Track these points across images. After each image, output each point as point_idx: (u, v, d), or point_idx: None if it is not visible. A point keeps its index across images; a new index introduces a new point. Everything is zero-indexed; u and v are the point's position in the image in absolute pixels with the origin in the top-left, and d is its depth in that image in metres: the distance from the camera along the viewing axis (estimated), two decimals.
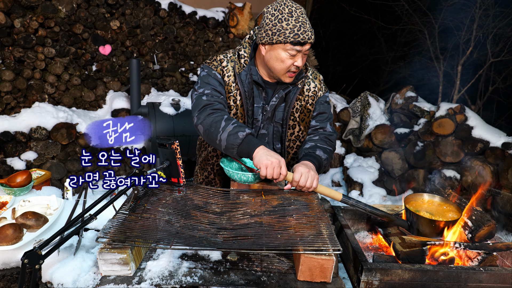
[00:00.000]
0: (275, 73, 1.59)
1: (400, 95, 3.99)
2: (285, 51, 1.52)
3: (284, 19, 1.49)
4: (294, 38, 1.48)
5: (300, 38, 1.48)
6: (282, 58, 1.53)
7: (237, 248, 0.98)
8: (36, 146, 3.23)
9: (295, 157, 1.67)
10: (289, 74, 1.58)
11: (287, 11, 1.51)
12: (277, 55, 1.54)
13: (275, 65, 1.56)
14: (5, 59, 3.18)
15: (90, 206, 1.11)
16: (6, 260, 1.15)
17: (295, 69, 1.57)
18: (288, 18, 1.49)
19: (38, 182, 1.70)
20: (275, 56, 1.55)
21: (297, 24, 1.48)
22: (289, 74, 1.58)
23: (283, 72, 1.57)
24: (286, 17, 1.50)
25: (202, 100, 1.49)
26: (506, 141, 3.18)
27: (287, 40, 1.49)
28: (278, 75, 1.59)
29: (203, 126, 1.43)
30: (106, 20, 3.67)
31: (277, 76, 1.60)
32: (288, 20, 1.49)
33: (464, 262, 1.34)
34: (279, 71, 1.57)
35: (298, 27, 1.48)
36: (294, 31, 1.48)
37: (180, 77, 4.28)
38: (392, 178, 3.97)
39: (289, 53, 1.51)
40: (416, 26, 4.60)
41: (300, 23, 1.49)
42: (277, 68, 1.56)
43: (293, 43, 1.49)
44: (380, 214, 1.39)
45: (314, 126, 1.64)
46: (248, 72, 1.65)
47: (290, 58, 1.53)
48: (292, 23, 1.48)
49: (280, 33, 1.49)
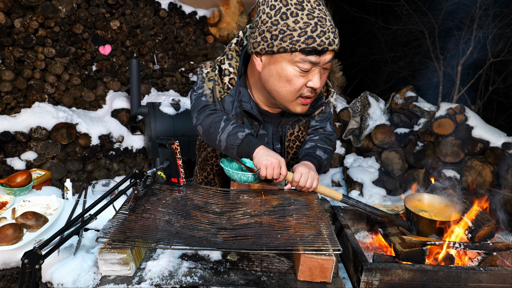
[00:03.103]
0: (278, 99, 1.12)
1: (400, 95, 3.99)
2: (294, 65, 1.04)
3: (291, 13, 0.99)
4: (307, 44, 0.99)
5: (317, 44, 0.98)
6: (288, 75, 1.05)
7: (237, 248, 0.98)
8: (36, 146, 3.23)
9: (295, 157, 1.65)
10: (302, 100, 1.11)
11: (295, 0, 1.00)
12: (281, 71, 1.06)
13: (278, 87, 1.09)
14: (5, 59, 3.18)
15: (90, 206, 1.11)
16: (6, 260, 1.15)
17: (309, 93, 1.09)
18: (297, 12, 0.98)
19: (38, 182, 1.70)
20: (278, 73, 1.07)
21: (311, 22, 0.97)
22: (302, 101, 1.11)
23: (292, 97, 1.09)
24: (293, 10, 0.99)
25: (201, 101, 1.39)
26: (506, 141, 3.18)
27: (296, 47, 1.00)
28: (284, 103, 1.12)
29: (203, 126, 1.37)
30: (106, 20, 3.67)
31: (282, 104, 1.13)
32: (297, 16, 0.98)
33: (464, 262, 1.34)
34: (284, 96, 1.10)
35: (313, 26, 0.97)
36: (306, 32, 0.98)
37: (180, 77, 4.28)
38: (392, 178, 3.97)
39: (300, 67, 1.04)
40: (416, 26, 4.60)
41: (317, 19, 0.98)
42: (282, 92, 1.09)
43: (305, 51, 1.00)
44: (380, 214, 1.39)
45: (314, 126, 1.55)
46: (236, 97, 1.20)
47: (302, 76, 1.05)
48: (303, 19, 0.98)
49: (284, 36, 1.00)
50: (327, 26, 0.98)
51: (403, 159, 3.89)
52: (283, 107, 1.15)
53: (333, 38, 1.00)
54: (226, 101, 1.27)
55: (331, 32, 0.99)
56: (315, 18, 0.98)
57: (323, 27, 0.98)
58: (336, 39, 1.02)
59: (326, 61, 1.04)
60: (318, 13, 0.98)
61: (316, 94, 1.11)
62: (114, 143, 3.72)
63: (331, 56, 1.04)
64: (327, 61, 1.04)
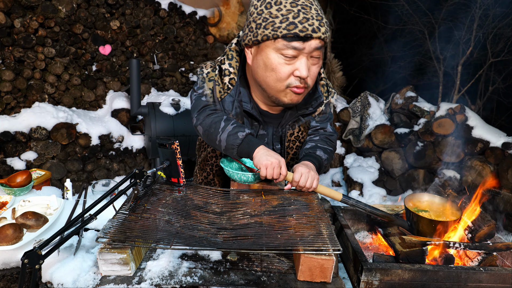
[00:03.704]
0: (268, 90, 1.13)
1: (400, 95, 3.99)
2: (278, 52, 1.04)
3: (275, 2, 1.00)
4: (288, 30, 0.99)
5: (299, 29, 0.98)
6: (273, 63, 1.05)
7: (237, 248, 0.98)
8: (36, 146, 3.23)
9: (294, 157, 1.65)
10: (292, 89, 1.10)
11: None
12: (266, 59, 1.06)
13: (265, 77, 1.09)
14: (5, 59, 3.18)
15: (90, 206, 1.11)
16: (6, 260, 1.15)
17: (298, 82, 1.09)
18: (281, 1, 1.00)
19: (38, 182, 1.70)
20: (264, 62, 1.07)
21: (294, 9, 0.98)
22: (292, 89, 1.10)
23: (279, 86, 1.09)
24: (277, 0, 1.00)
25: (201, 101, 1.39)
26: (506, 141, 3.18)
27: (278, 34, 1.00)
28: (274, 94, 1.12)
29: (203, 126, 1.36)
30: (106, 20, 3.67)
31: (273, 95, 1.13)
32: (280, 4, 1.00)
33: (464, 262, 1.34)
34: (272, 86, 1.10)
35: (295, 13, 0.98)
36: (288, 18, 0.98)
37: (180, 77, 4.28)
38: (392, 178, 3.97)
39: (284, 54, 1.03)
40: (416, 26, 4.60)
41: (300, 7, 0.99)
42: (269, 82, 1.09)
43: (286, 37, 1.00)
44: (380, 214, 1.39)
45: (315, 127, 1.55)
46: (236, 97, 1.22)
47: (287, 64, 1.05)
48: (286, 7, 0.99)
49: (267, 23, 1.01)
50: (311, 13, 0.98)
51: (403, 159, 3.89)
52: (275, 98, 1.14)
53: (318, 26, 0.98)
54: (226, 101, 1.27)
55: (315, 20, 0.98)
56: (298, 6, 0.98)
57: (306, 14, 0.97)
58: (322, 27, 1.00)
59: (312, 48, 1.02)
60: (303, 1, 0.98)
61: (307, 85, 1.08)
62: (114, 143, 3.72)
63: (318, 43, 1.02)
64: (313, 48, 1.02)
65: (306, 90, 1.13)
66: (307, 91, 1.15)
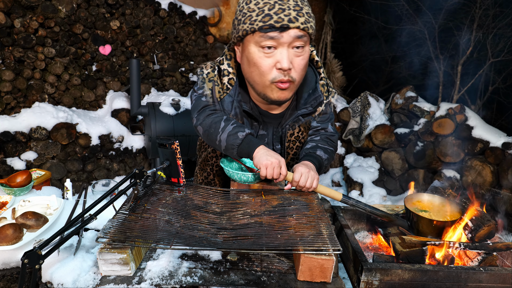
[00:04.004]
0: (256, 88, 1.13)
1: (400, 95, 3.99)
2: (257, 46, 1.03)
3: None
4: (263, 22, 0.98)
5: (274, 20, 0.98)
6: (254, 58, 1.04)
7: (237, 248, 0.98)
8: (36, 146, 3.23)
9: (295, 157, 1.65)
10: (277, 84, 1.08)
11: None
12: (248, 55, 1.06)
13: (250, 74, 1.09)
14: (5, 59, 3.18)
15: (90, 206, 1.11)
16: (6, 260, 1.15)
17: (283, 76, 1.06)
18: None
19: (38, 182, 1.70)
20: (247, 59, 1.06)
21: (271, 1, 0.99)
22: (277, 85, 1.08)
23: (264, 82, 1.08)
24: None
25: (201, 101, 1.39)
26: (506, 141, 3.18)
27: (254, 27, 1.00)
28: (262, 90, 1.12)
29: (203, 127, 1.36)
30: (106, 20, 3.67)
31: (262, 92, 1.13)
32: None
33: (464, 262, 1.34)
34: (258, 82, 1.10)
35: (271, 5, 0.98)
36: (264, 11, 0.98)
37: (180, 77, 4.28)
38: (392, 178, 3.97)
39: (263, 46, 1.02)
40: (416, 26, 4.60)
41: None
42: (255, 78, 1.10)
43: (263, 29, 0.99)
44: (380, 214, 1.39)
45: (316, 127, 1.54)
46: (235, 97, 1.22)
47: (267, 56, 1.04)
48: (263, 0, 1.00)
49: (245, 18, 1.02)
50: (288, 4, 0.97)
51: (403, 159, 3.89)
52: (263, 95, 1.14)
53: (295, 16, 0.97)
54: (225, 102, 1.27)
55: (293, 10, 0.97)
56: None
57: (282, 5, 0.97)
58: (301, 17, 0.99)
59: (292, 38, 1.00)
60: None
61: (293, 79, 1.06)
62: (114, 143, 3.72)
63: (297, 32, 1.00)
64: (292, 38, 1.01)
65: (293, 84, 1.11)
66: (294, 86, 1.13)
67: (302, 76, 1.16)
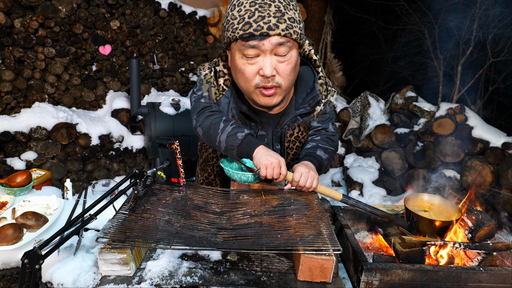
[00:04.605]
0: (243, 92, 1.14)
1: (400, 95, 3.99)
2: (240, 53, 1.04)
3: (238, 3, 1.00)
4: (243, 30, 0.97)
5: (253, 29, 0.97)
6: (238, 65, 1.05)
7: (237, 248, 0.98)
8: (36, 146, 3.23)
9: (295, 157, 1.64)
10: (260, 90, 1.09)
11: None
12: (234, 62, 1.06)
13: (237, 79, 1.11)
14: (5, 59, 3.18)
15: (90, 206, 1.11)
16: (6, 260, 1.15)
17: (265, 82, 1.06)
18: (243, 1, 1.00)
19: (38, 182, 1.70)
20: (233, 65, 1.08)
21: (251, 9, 0.97)
22: (261, 90, 1.09)
23: (249, 88, 1.09)
24: (241, 1, 1.00)
25: (200, 103, 1.39)
26: (506, 141, 3.18)
27: (236, 35, 1.00)
28: (249, 95, 1.14)
29: (202, 128, 1.36)
30: (106, 20, 3.67)
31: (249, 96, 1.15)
32: (241, 5, 0.99)
33: (464, 262, 1.34)
34: (244, 88, 1.11)
35: (251, 12, 0.97)
36: (244, 18, 0.97)
37: (180, 77, 4.28)
38: (392, 178, 3.98)
39: (245, 54, 1.03)
40: (416, 26, 4.60)
41: (258, 5, 0.97)
42: (241, 84, 1.11)
43: (243, 37, 0.99)
44: (380, 214, 1.39)
45: (316, 127, 1.54)
46: (231, 98, 1.23)
47: (250, 63, 1.04)
48: (245, 7, 0.98)
49: (228, 26, 1.02)
50: (268, 11, 0.95)
51: (403, 159, 3.89)
52: (251, 100, 1.14)
53: (275, 23, 0.95)
54: (222, 103, 1.27)
55: (273, 17, 0.95)
56: (256, 5, 0.96)
57: (262, 12, 0.95)
58: (281, 23, 0.96)
59: (273, 45, 0.99)
60: (261, 2, 0.96)
61: (278, 84, 1.06)
62: (114, 143, 3.72)
63: (278, 39, 0.98)
64: (274, 45, 0.99)
65: (280, 90, 1.10)
66: (281, 91, 1.12)
67: (291, 80, 1.16)
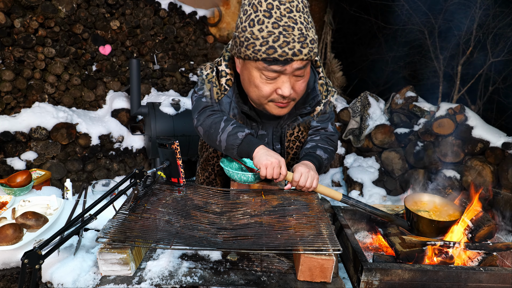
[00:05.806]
0: (253, 101, 1.16)
1: (400, 95, 3.99)
2: (259, 72, 1.03)
3: (258, 21, 0.95)
4: (267, 54, 0.96)
5: (278, 54, 0.95)
6: (255, 81, 1.04)
7: (237, 248, 0.98)
8: (36, 146, 3.23)
9: (295, 157, 1.65)
10: (276, 104, 1.11)
11: (264, 7, 0.94)
12: (250, 76, 1.06)
13: (249, 91, 1.12)
14: (5, 59, 3.18)
15: (90, 206, 1.11)
16: (6, 260, 1.15)
17: (281, 99, 1.08)
18: (264, 20, 0.95)
19: (38, 182, 1.70)
20: (248, 78, 1.07)
21: (275, 31, 0.94)
22: (277, 104, 1.11)
23: (262, 101, 1.11)
24: (261, 18, 0.95)
25: (201, 102, 1.40)
26: (506, 141, 3.18)
27: (258, 57, 0.98)
28: (259, 105, 1.15)
29: (203, 127, 1.37)
30: (106, 20, 3.67)
31: (259, 106, 1.16)
32: (262, 24, 0.95)
33: (464, 262, 1.34)
34: (256, 100, 1.12)
35: (276, 36, 0.94)
36: (268, 42, 0.94)
37: (180, 77, 4.28)
38: (392, 178, 3.98)
39: (265, 75, 1.02)
40: (416, 26, 4.60)
41: (282, 28, 0.94)
42: (253, 96, 1.12)
43: (267, 61, 0.98)
44: (380, 214, 1.39)
45: (316, 127, 1.54)
46: (233, 98, 1.23)
47: (269, 83, 1.04)
48: (268, 28, 0.94)
49: (248, 44, 0.99)
50: (292, 35, 0.93)
51: (403, 159, 3.89)
52: (262, 108, 1.16)
53: (299, 48, 0.95)
54: (223, 102, 1.28)
55: (297, 42, 0.94)
56: (280, 27, 0.94)
57: (287, 37, 0.93)
58: (304, 48, 0.96)
59: (294, 69, 1.01)
60: (286, 22, 0.93)
61: (293, 99, 1.09)
62: (114, 143, 3.72)
63: (299, 64, 1.00)
64: (294, 69, 1.01)
65: (293, 102, 1.15)
66: (294, 103, 1.16)
67: (303, 93, 1.18)
